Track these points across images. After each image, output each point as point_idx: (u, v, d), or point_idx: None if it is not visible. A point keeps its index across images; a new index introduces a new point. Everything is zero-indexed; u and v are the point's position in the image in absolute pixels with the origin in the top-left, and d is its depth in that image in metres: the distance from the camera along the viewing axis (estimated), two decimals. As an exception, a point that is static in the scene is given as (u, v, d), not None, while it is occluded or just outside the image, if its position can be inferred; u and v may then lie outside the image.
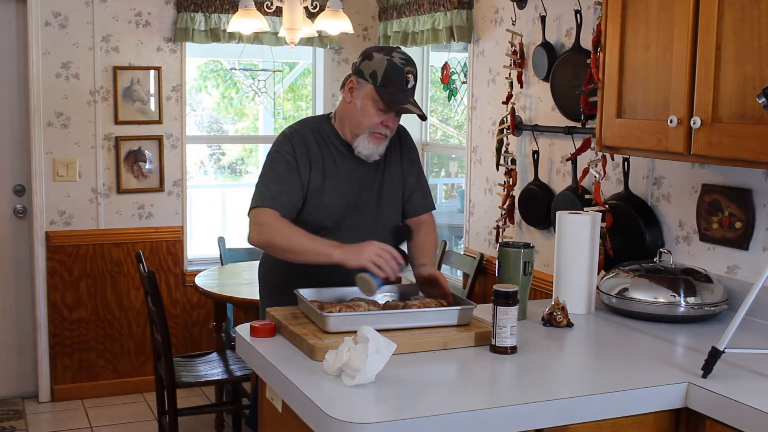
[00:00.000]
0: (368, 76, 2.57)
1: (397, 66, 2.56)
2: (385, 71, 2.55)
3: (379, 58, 2.57)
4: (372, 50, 2.63)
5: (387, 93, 2.55)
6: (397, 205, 2.79)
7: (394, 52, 2.60)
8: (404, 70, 2.56)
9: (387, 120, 2.59)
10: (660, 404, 2.03)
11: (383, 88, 2.55)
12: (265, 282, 2.85)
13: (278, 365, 2.10)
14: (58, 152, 4.68)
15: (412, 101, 2.57)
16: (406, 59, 2.59)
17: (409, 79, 2.57)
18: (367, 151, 2.62)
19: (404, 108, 2.56)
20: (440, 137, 5.76)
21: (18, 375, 4.82)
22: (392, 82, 2.55)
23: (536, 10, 3.75)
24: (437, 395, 1.95)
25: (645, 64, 2.56)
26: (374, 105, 2.57)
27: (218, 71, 7.79)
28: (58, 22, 4.62)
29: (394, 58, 2.57)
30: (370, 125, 2.59)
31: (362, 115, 2.59)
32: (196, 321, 5.08)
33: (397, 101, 2.55)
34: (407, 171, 2.80)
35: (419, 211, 2.82)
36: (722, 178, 2.81)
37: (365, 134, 2.60)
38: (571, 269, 2.73)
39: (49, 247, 4.70)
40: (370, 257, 2.41)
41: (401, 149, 2.79)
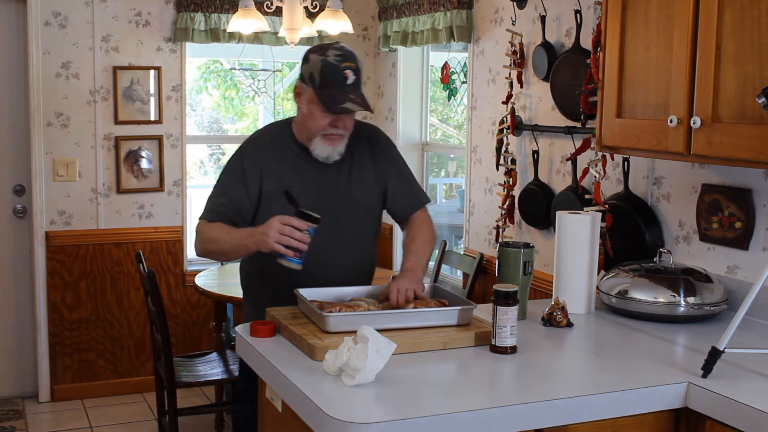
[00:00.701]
0: (308, 80, 2.53)
1: (332, 64, 2.49)
2: (321, 72, 2.49)
3: (315, 59, 2.52)
4: (309, 52, 2.57)
5: (326, 94, 2.50)
6: (370, 207, 2.71)
7: (329, 50, 2.52)
8: (340, 67, 2.48)
9: (335, 120, 2.54)
10: (660, 404, 2.03)
11: (322, 90, 2.50)
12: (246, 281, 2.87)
13: (278, 365, 2.10)
14: (58, 152, 4.68)
15: (351, 98, 2.49)
16: (342, 55, 2.51)
17: (348, 75, 2.49)
18: (324, 153, 2.58)
19: (342, 108, 2.49)
20: (440, 137, 5.77)
21: (18, 375, 4.82)
22: (330, 82, 2.49)
23: (536, 10, 3.75)
24: (437, 395, 1.95)
25: (645, 63, 2.55)
26: (318, 107, 2.52)
27: (218, 71, 7.79)
28: (58, 22, 4.62)
29: (329, 57, 2.50)
30: (319, 128, 2.54)
31: (310, 120, 2.55)
32: (196, 321, 5.08)
33: (335, 101, 2.49)
34: (386, 172, 2.73)
35: (409, 210, 2.76)
36: (722, 178, 2.81)
37: (318, 137, 2.56)
38: (571, 269, 2.73)
39: (49, 247, 4.70)
40: (274, 239, 2.34)
41: (372, 150, 2.72)
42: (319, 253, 2.53)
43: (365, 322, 2.19)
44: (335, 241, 2.61)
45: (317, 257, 2.54)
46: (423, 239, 2.71)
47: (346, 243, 2.64)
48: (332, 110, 2.50)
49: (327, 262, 2.60)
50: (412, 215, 2.76)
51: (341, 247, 2.64)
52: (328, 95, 2.49)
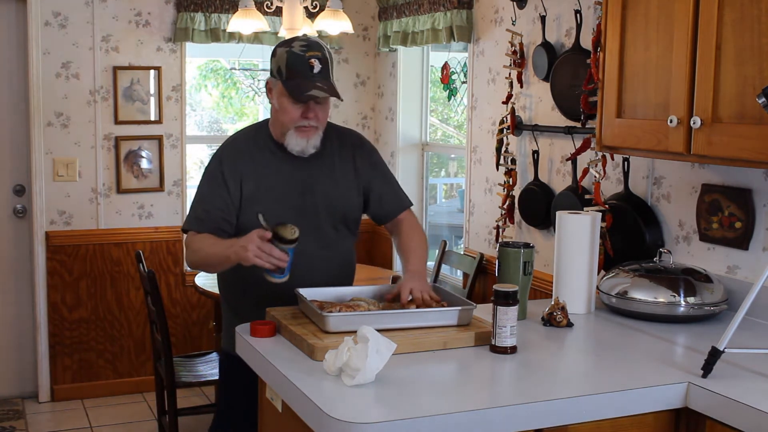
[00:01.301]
0: (276, 74, 2.55)
1: (297, 54, 2.49)
2: (287, 63, 2.50)
3: (281, 52, 2.53)
4: (276, 46, 2.58)
5: (292, 84, 2.50)
6: (349, 209, 2.69)
7: (295, 41, 2.54)
8: (305, 56, 2.49)
9: (305, 111, 2.53)
10: (660, 404, 2.03)
11: (289, 81, 2.50)
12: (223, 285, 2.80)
13: (278, 365, 2.10)
14: (58, 152, 4.68)
15: (318, 85, 2.48)
16: (307, 45, 2.51)
17: (313, 64, 2.49)
18: (298, 146, 2.57)
19: (308, 95, 2.49)
20: (440, 137, 5.77)
21: (18, 375, 4.82)
22: (296, 72, 2.49)
23: (536, 10, 3.75)
24: (437, 395, 1.95)
25: (645, 63, 2.56)
26: (288, 100, 2.52)
27: (218, 71, 7.79)
28: (58, 21, 4.62)
29: (294, 48, 2.50)
30: (291, 120, 2.54)
31: (282, 113, 2.55)
32: (196, 321, 5.08)
33: (301, 90, 2.49)
34: (369, 175, 2.71)
35: (394, 213, 2.75)
36: (722, 178, 2.81)
37: (291, 130, 2.56)
38: (571, 269, 2.73)
39: (49, 247, 4.70)
40: (254, 254, 2.32)
41: (355, 153, 2.71)
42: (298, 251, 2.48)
43: (365, 322, 2.19)
44: (314, 238, 2.59)
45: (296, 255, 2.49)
46: (419, 240, 2.71)
47: (325, 241, 2.63)
48: (299, 99, 2.50)
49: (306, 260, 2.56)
50: (398, 217, 2.75)
51: (320, 244, 2.62)
52: (295, 85, 2.50)
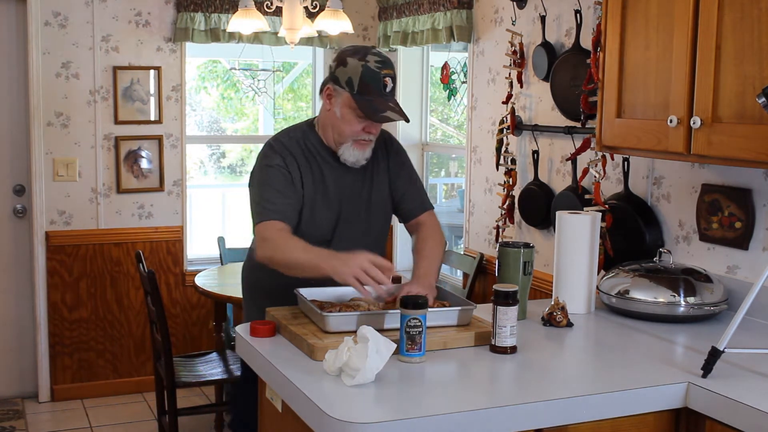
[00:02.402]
0: (344, 84, 2.50)
1: (373, 71, 2.47)
2: (361, 78, 2.47)
3: (354, 64, 2.48)
4: (346, 55, 2.53)
5: (365, 101, 2.47)
6: (386, 213, 2.72)
7: (368, 54, 2.50)
8: (381, 74, 2.47)
9: (369, 126, 2.52)
10: (660, 404, 2.03)
11: (361, 96, 2.48)
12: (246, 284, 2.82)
13: (278, 365, 2.10)
14: (58, 152, 4.68)
15: (392, 106, 2.48)
16: (382, 61, 2.49)
17: (387, 83, 2.48)
18: (353, 158, 2.57)
19: (384, 116, 2.48)
20: (440, 137, 5.77)
21: (18, 375, 4.82)
22: (369, 89, 2.47)
23: (536, 9, 3.75)
24: (437, 395, 1.95)
25: (645, 63, 2.56)
26: (353, 113, 2.49)
27: (217, 71, 7.78)
28: (58, 22, 4.62)
29: (369, 63, 2.47)
30: (352, 133, 2.53)
31: (343, 124, 2.53)
32: (196, 321, 5.08)
33: (376, 109, 2.47)
34: (396, 175, 2.72)
35: (415, 212, 2.75)
36: (722, 178, 2.81)
37: (348, 142, 2.55)
38: (571, 269, 2.73)
39: (49, 247, 4.70)
40: (353, 272, 2.27)
41: (388, 154, 2.72)
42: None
43: (365, 322, 2.20)
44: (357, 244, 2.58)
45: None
46: (434, 243, 2.66)
47: (367, 246, 2.63)
48: (373, 118, 2.48)
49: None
50: (419, 217, 2.75)
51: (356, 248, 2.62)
52: (367, 102, 2.47)
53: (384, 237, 2.78)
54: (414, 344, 2.11)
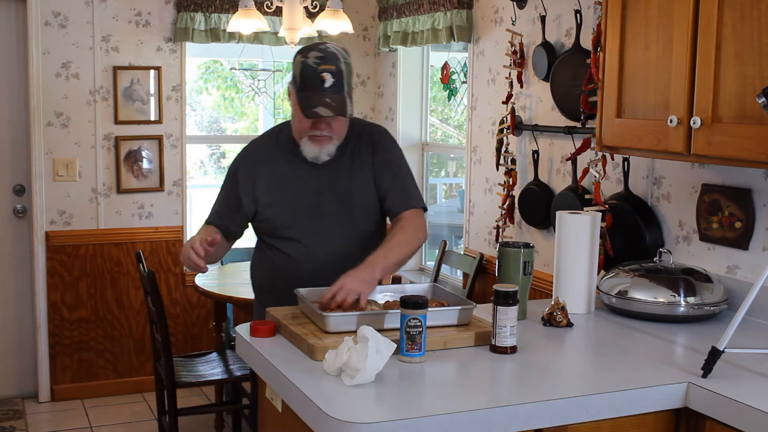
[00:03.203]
0: (292, 82, 2.56)
1: (311, 67, 2.46)
2: (301, 73, 2.49)
3: (297, 61, 2.52)
4: (297, 52, 2.56)
5: (304, 97, 2.49)
6: (368, 206, 2.68)
7: (312, 50, 2.50)
8: (318, 69, 2.45)
9: (316, 122, 2.52)
10: (660, 404, 2.03)
11: (301, 92, 2.50)
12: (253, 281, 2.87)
13: (278, 365, 2.10)
14: (58, 152, 4.68)
15: (327, 102, 2.45)
16: (322, 57, 2.47)
17: (325, 78, 2.45)
18: (311, 153, 2.58)
19: (312, 112, 2.46)
20: (440, 137, 5.77)
21: (18, 375, 4.82)
22: (308, 85, 2.47)
23: (536, 9, 3.75)
24: (437, 395, 1.95)
25: (645, 63, 2.55)
26: (299, 109, 2.53)
27: (218, 71, 7.78)
28: (58, 22, 4.62)
29: (309, 59, 2.47)
30: (303, 129, 2.55)
31: (296, 120, 2.57)
32: (196, 321, 5.08)
33: (310, 105, 2.47)
34: (380, 171, 2.68)
35: (396, 210, 2.67)
36: (722, 178, 2.81)
37: (305, 138, 2.57)
38: (571, 269, 2.73)
39: (49, 247, 4.70)
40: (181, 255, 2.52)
41: (374, 149, 2.69)
42: (316, 251, 2.60)
43: (365, 322, 2.20)
44: (332, 238, 2.62)
45: (315, 256, 2.61)
46: (400, 239, 2.55)
47: (344, 240, 2.64)
48: (306, 114, 2.49)
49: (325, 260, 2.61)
50: (401, 215, 2.65)
51: (337, 244, 2.64)
52: (305, 98, 2.49)
53: (374, 234, 2.71)
54: (414, 344, 2.11)
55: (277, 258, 2.67)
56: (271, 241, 2.69)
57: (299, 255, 2.63)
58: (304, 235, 2.63)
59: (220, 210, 2.72)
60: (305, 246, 2.62)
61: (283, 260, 2.66)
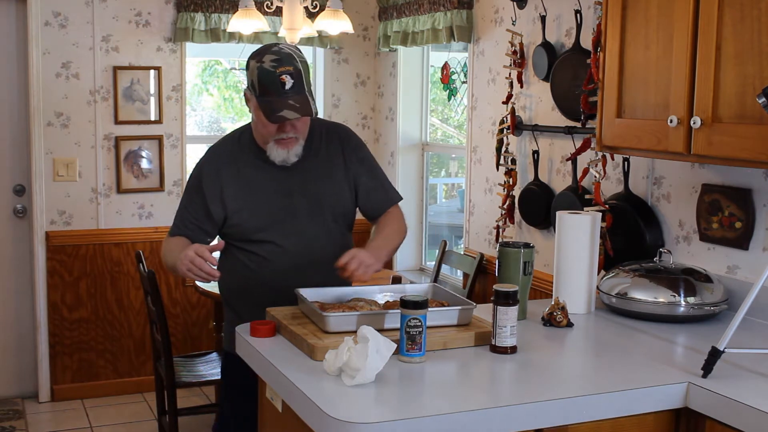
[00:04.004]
0: (250, 87, 2.52)
1: (268, 71, 2.44)
2: (258, 79, 2.46)
3: (252, 66, 2.48)
4: (250, 57, 2.53)
5: (265, 102, 2.46)
6: (340, 206, 2.68)
7: (266, 54, 2.47)
8: (276, 73, 2.43)
9: (282, 125, 2.51)
10: (660, 404, 2.03)
11: (262, 98, 2.47)
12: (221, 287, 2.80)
13: (278, 365, 2.10)
14: (58, 152, 4.68)
15: (291, 104, 2.44)
16: (278, 59, 2.44)
17: (285, 80, 2.43)
18: (279, 157, 2.56)
19: (278, 117, 2.45)
20: (440, 137, 5.76)
21: (18, 375, 4.82)
22: (267, 90, 2.45)
23: (536, 9, 3.75)
24: (437, 395, 1.95)
25: (645, 64, 2.55)
26: (262, 114, 2.50)
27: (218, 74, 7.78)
28: (58, 22, 4.62)
29: (265, 63, 2.45)
30: (268, 134, 2.53)
31: (260, 126, 2.55)
32: (196, 321, 5.08)
33: (273, 110, 2.45)
34: (357, 170, 2.70)
35: (382, 207, 2.74)
36: (722, 178, 2.81)
37: (270, 142, 2.55)
38: (571, 269, 2.73)
39: (49, 247, 4.70)
40: (185, 266, 2.40)
41: (343, 149, 2.69)
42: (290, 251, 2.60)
43: (365, 322, 2.20)
44: (304, 240, 2.62)
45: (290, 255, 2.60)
46: (393, 228, 2.70)
47: (317, 240, 2.64)
48: (270, 119, 2.47)
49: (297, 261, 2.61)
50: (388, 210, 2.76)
51: (311, 243, 2.63)
52: (267, 103, 2.47)
53: (345, 234, 2.73)
54: (414, 344, 2.11)
55: (251, 261, 2.64)
56: (243, 245, 2.64)
57: (274, 257, 2.61)
58: (278, 237, 2.61)
59: (186, 219, 2.68)
60: (279, 246, 2.60)
61: (258, 263, 2.63)
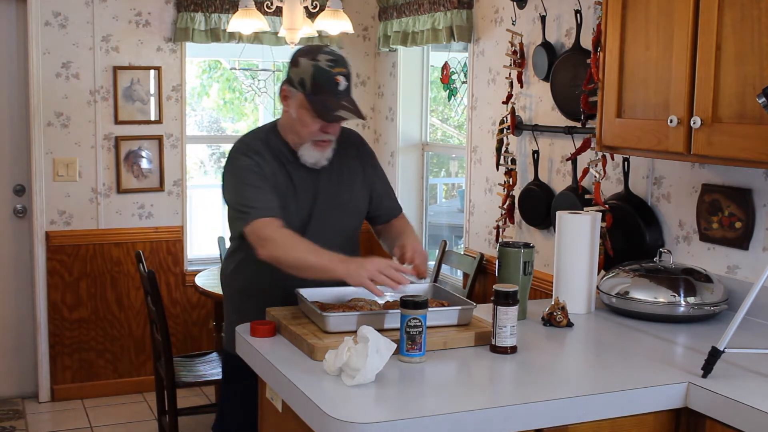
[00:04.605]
0: (297, 84, 2.49)
1: (325, 70, 2.44)
2: (313, 77, 2.45)
3: (305, 64, 2.47)
4: (299, 55, 2.51)
5: (318, 100, 2.45)
6: (359, 214, 2.71)
7: (320, 54, 2.47)
8: (332, 73, 2.44)
9: (325, 126, 2.50)
10: (660, 404, 2.03)
11: (314, 96, 2.46)
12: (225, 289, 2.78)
13: (278, 365, 2.10)
14: (58, 152, 4.68)
15: (345, 104, 2.46)
16: (334, 60, 2.46)
17: (340, 81, 2.45)
18: (313, 158, 2.55)
19: (337, 116, 2.45)
20: (440, 137, 5.77)
21: (18, 375, 4.82)
22: (322, 88, 2.45)
23: (536, 9, 3.75)
24: (437, 395, 1.95)
25: (645, 64, 2.56)
26: (308, 113, 2.48)
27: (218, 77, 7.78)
28: (58, 22, 4.62)
29: (320, 62, 2.45)
30: (309, 134, 2.51)
31: (300, 125, 2.51)
32: (196, 321, 5.09)
33: (329, 108, 2.45)
34: (372, 177, 2.73)
35: (392, 214, 2.78)
36: (722, 178, 2.81)
37: (307, 143, 2.53)
38: (571, 269, 2.73)
39: (49, 247, 4.70)
40: (370, 274, 2.28)
41: (359, 154, 2.71)
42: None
43: (365, 322, 2.20)
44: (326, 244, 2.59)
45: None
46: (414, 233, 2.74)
47: (336, 246, 2.63)
48: (326, 118, 2.46)
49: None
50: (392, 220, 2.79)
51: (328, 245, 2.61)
52: (320, 102, 2.46)
53: (356, 238, 2.75)
54: (414, 344, 2.11)
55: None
56: None
57: None
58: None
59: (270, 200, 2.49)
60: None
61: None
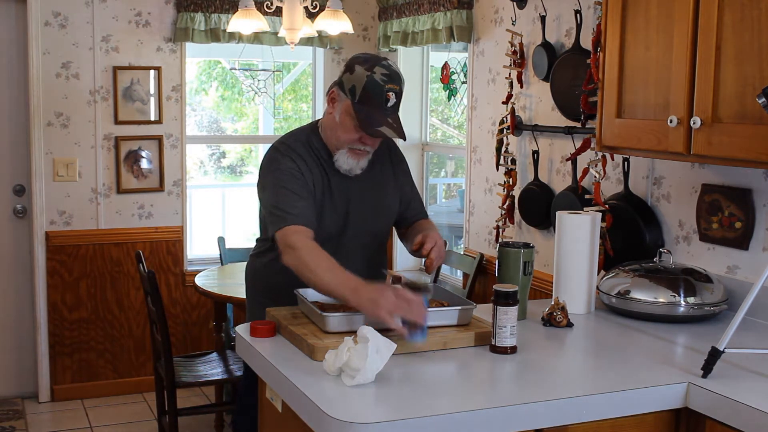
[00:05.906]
0: (347, 91, 2.47)
1: (378, 83, 2.42)
2: (364, 88, 2.43)
3: (360, 73, 2.44)
4: (356, 62, 2.48)
5: (364, 111, 2.44)
6: (390, 218, 2.72)
7: (377, 66, 2.45)
8: (384, 88, 2.42)
9: (366, 138, 2.48)
10: (660, 404, 2.03)
11: (361, 106, 2.44)
12: (252, 286, 2.79)
13: (278, 365, 2.10)
14: (58, 152, 4.68)
15: (389, 122, 2.44)
16: (389, 75, 2.44)
17: (390, 98, 2.43)
18: (347, 165, 2.53)
19: (378, 131, 2.43)
20: (440, 137, 5.77)
21: (18, 375, 4.82)
22: (371, 100, 2.43)
23: (536, 10, 3.75)
24: (437, 395, 1.95)
25: (645, 64, 2.56)
26: (351, 121, 2.46)
27: (218, 77, 7.79)
28: (58, 22, 4.62)
29: (375, 75, 2.43)
30: (348, 140, 2.50)
31: (341, 130, 2.50)
32: (196, 321, 5.08)
33: (372, 122, 2.43)
34: (403, 182, 2.74)
35: (417, 217, 2.78)
36: (722, 178, 2.81)
37: (344, 149, 2.52)
38: (571, 269, 2.73)
39: (49, 247, 4.70)
40: (388, 309, 2.13)
41: (392, 162, 2.71)
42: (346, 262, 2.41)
43: (365, 322, 2.19)
44: (361, 249, 2.60)
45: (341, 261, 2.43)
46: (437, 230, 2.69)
47: (370, 250, 2.64)
48: (367, 131, 2.44)
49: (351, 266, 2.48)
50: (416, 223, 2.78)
51: (366, 254, 2.63)
52: (366, 113, 2.44)
53: (386, 241, 2.79)
54: (415, 327, 2.11)
55: None
56: None
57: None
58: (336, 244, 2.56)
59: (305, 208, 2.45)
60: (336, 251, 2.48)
61: None
